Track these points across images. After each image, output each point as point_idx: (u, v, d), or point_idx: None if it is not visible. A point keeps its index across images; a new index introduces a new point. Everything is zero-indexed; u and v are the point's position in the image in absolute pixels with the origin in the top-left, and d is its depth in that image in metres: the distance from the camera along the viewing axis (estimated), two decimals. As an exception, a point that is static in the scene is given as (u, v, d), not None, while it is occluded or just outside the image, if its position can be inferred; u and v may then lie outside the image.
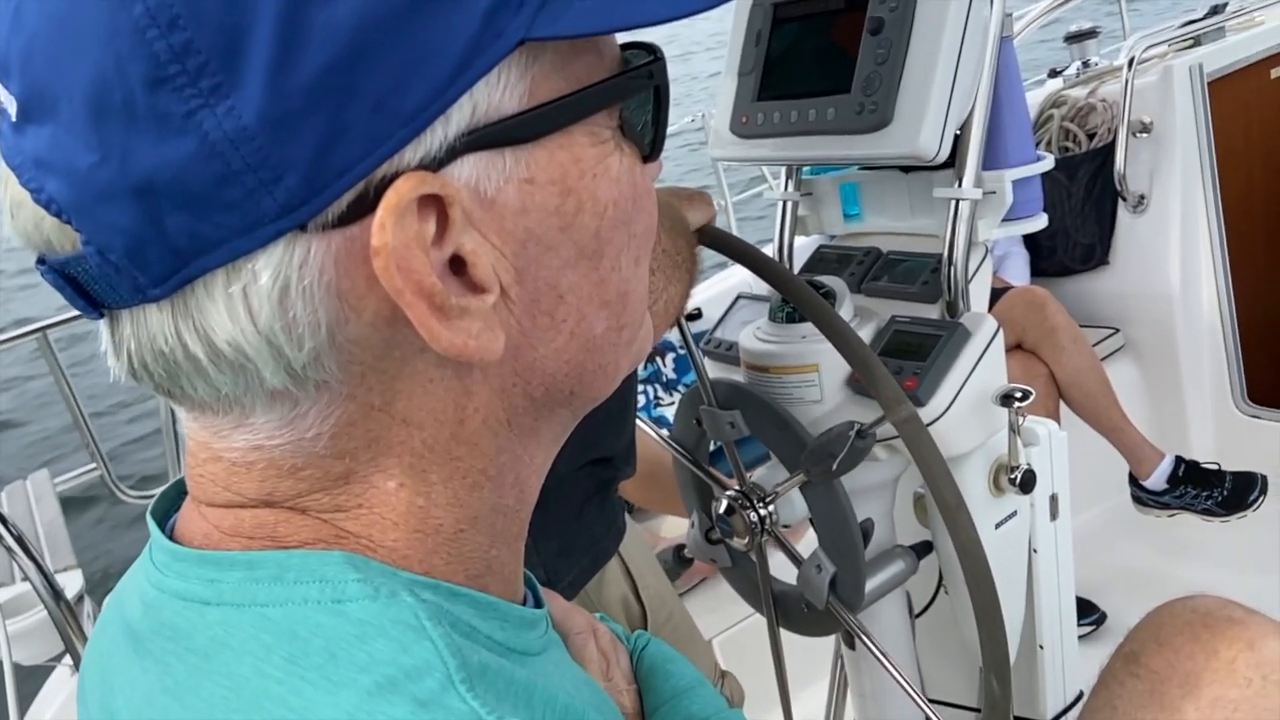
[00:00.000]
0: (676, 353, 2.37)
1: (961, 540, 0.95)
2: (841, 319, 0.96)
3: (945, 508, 0.94)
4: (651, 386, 2.37)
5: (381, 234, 0.35)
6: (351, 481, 0.40)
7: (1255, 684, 0.91)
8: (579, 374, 0.44)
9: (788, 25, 1.10)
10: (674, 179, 10.12)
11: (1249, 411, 2.59)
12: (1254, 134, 2.68)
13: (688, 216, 1.03)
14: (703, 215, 1.04)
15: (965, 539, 0.95)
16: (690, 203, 1.04)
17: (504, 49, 0.36)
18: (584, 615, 0.62)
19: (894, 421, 0.93)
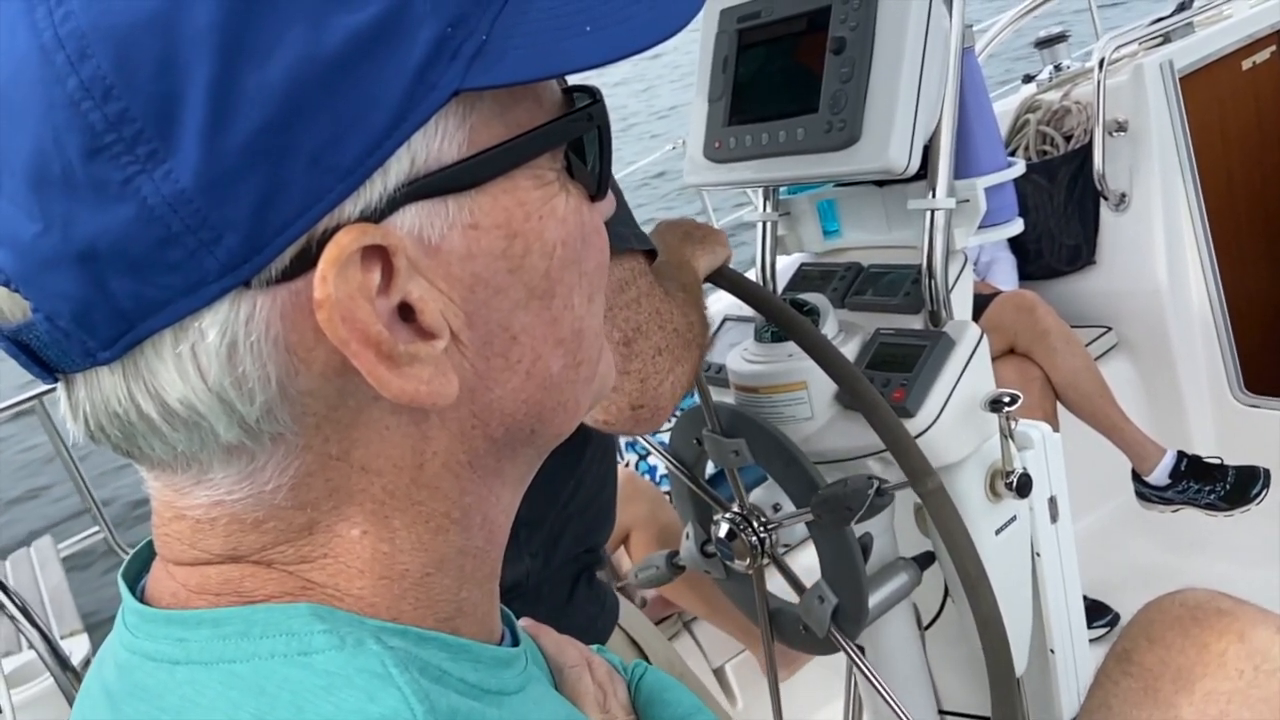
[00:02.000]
0: None
1: (982, 614, 0.95)
2: (867, 383, 0.97)
3: (967, 578, 0.94)
4: None
5: (324, 286, 0.35)
6: (315, 532, 0.40)
7: (1247, 675, 0.90)
8: (538, 413, 0.44)
9: (753, 50, 1.12)
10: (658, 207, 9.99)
11: (1247, 401, 2.59)
12: (1229, 126, 2.70)
13: (699, 262, 1.04)
14: (718, 257, 1.06)
15: (986, 611, 0.95)
16: (703, 245, 1.04)
17: (439, 100, 0.36)
18: (578, 648, 0.62)
19: (920, 493, 0.94)
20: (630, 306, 0.86)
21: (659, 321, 0.89)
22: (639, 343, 0.87)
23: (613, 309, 0.86)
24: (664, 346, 0.89)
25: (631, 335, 0.87)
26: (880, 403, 0.95)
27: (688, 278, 1.00)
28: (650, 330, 0.88)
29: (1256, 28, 2.69)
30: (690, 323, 0.93)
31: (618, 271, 0.86)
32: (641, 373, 0.88)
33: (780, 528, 1.12)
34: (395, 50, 0.36)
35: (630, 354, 0.87)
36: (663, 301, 0.90)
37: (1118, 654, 0.99)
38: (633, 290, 0.87)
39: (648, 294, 0.88)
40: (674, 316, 0.91)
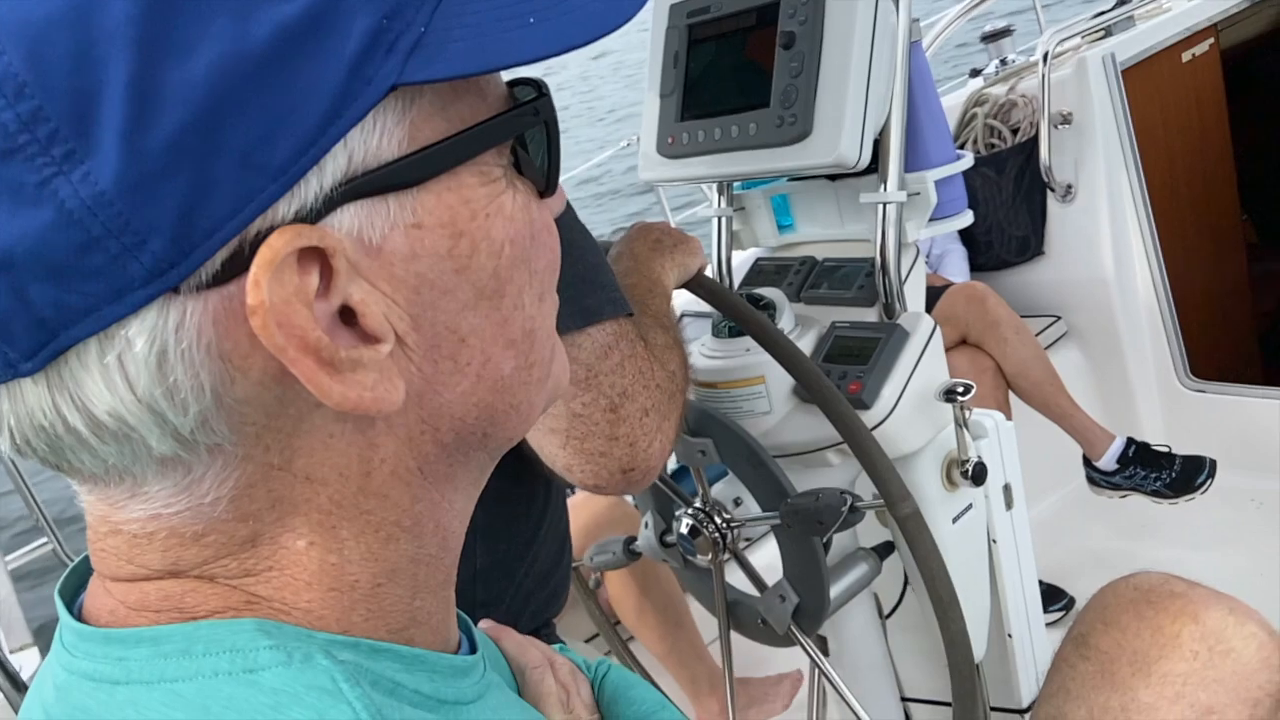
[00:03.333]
0: None
1: (951, 634, 0.96)
2: (842, 398, 0.97)
3: (939, 603, 0.96)
4: None
5: (256, 291, 0.34)
6: (259, 544, 0.38)
7: (1202, 655, 0.92)
8: (490, 416, 0.43)
9: (704, 45, 1.12)
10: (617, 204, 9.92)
11: (1193, 386, 2.65)
12: (1171, 116, 2.76)
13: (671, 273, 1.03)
14: (692, 264, 1.05)
15: (954, 632, 0.96)
16: (674, 254, 1.04)
17: (375, 96, 0.35)
18: (540, 648, 0.61)
19: (897, 517, 0.95)
20: (615, 372, 0.86)
21: (643, 382, 0.88)
22: (626, 407, 0.87)
23: (597, 376, 0.85)
24: (650, 406, 0.89)
25: (618, 400, 0.86)
26: (860, 426, 0.95)
27: (658, 304, 0.99)
28: (636, 392, 0.87)
29: (1195, 20, 2.75)
30: (672, 373, 0.93)
31: (600, 338, 0.85)
32: (630, 436, 0.87)
33: (744, 526, 1.13)
34: (328, 43, 0.34)
35: (618, 419, 0.87)
36: (645, 360, 0.89)
37: (1074, 638, 1.01)
38: (616, 355, 0.86)
39: (631, 356, 0.87)
40: (656, 372, 0.90)
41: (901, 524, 0.94)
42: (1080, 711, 0.93)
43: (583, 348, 0.85)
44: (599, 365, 0.85)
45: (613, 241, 1.09)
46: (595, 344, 0.85)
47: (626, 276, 1.01)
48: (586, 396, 0.86)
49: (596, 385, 0.85)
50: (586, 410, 0.86)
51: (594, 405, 0.86)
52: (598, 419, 0.86)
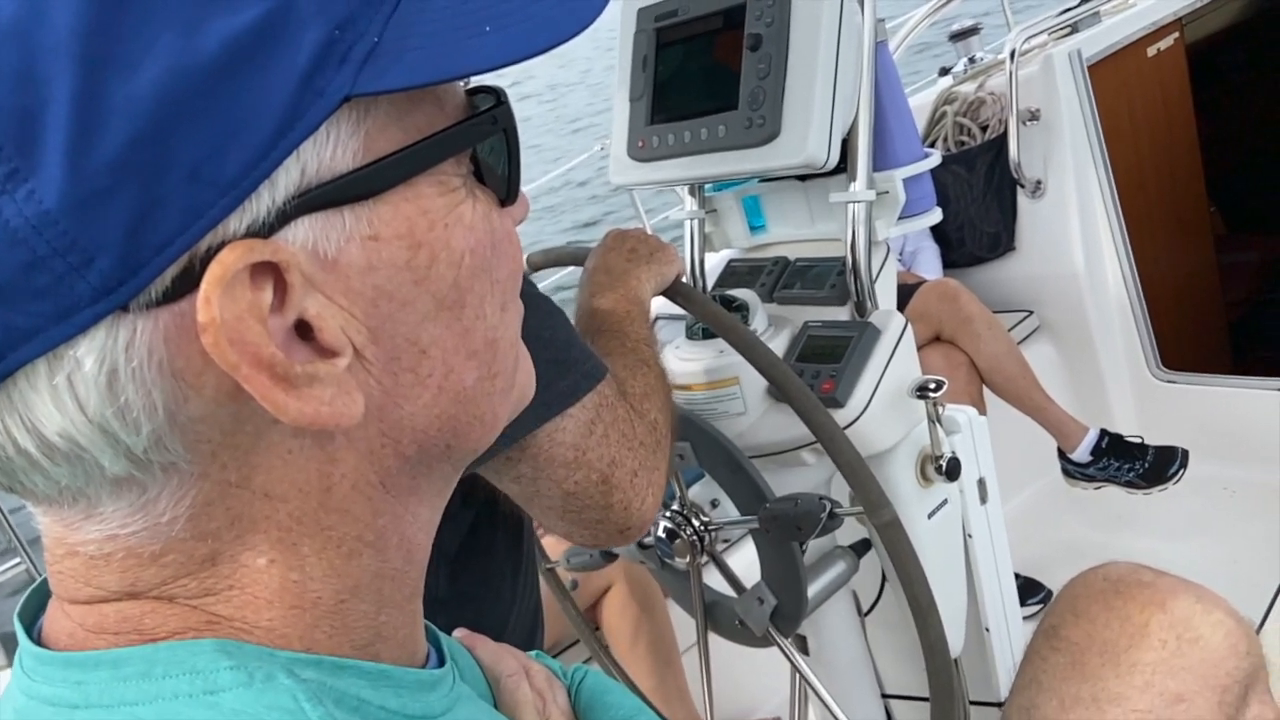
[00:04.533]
0: None
1: (930, 640, 0.96)
2: (821, 406, 0.97)
3: (918, 609, 0.96)
4: None
5: (207, 309, 0.33)
6: (218, 563, 0.38)
7: (1170, 644, 0.93)
8: (453, 427, 0.42)
9: (672, 48, 1.12)
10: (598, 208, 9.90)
11: (1164, 377, 2.68)
12: (1137, 111, 2.79)
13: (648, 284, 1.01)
14: (669, 273, 1.05)
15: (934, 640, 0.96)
16: (650, 264, 1.03)
17: (327, 107, 0.35)
18: (515, 656, 0.61)
19: (876, 525, 0.95)
20: (601, 444, 0.86)
21: (629, 444, 0.88)
22: (616, 474, 0.86)
23: (585, 453, 0.85)
24: (638, 466, 0.88)
25: (608, 470, 0.86)
26: (839, 434, 0.95)
27: (637, 327, 0.98)
28: (623, 458, 0.87)
29: (1159, 15, 2.78)
30: (653, 422, 0.92)
31: (582, 416, 0.85)
32: (624, 501, 0.87)
33: (722, 530, 1.13)
34: (278, 55, 0.34)
35: (610, 488, 0.86)
36: (627, 421, 0.88)
37: (1045, 630, 1.01)
38: (600, 427, 0.86)
39: (614, 422, 0.87)
40: (638, 429, 0.89)
41: (880, 531, 0.94)
42: (1051, 702, 0.94)
43: (566, 430, 0.84)
44: (585, 443, 0.85)
45: (589, 247, 1.09)
46: (578, 424, 0.84)
47: (603, 294, 1.00)
48: (578, 475, 0.85)
49: (586, 462, 0.85)
50: (579, 488, 0.86)
51: (586, 481, 0.86)
52: (591, 493, 0.86)
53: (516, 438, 0.82)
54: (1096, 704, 0.91)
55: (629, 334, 0.97)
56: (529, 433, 0.82)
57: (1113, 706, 0.91)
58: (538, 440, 0.83)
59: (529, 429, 0.82)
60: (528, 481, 0.86)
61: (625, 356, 0.95)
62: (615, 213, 9.76)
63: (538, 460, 0.84)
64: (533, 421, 0.82)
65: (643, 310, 1.00)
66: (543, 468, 0.84)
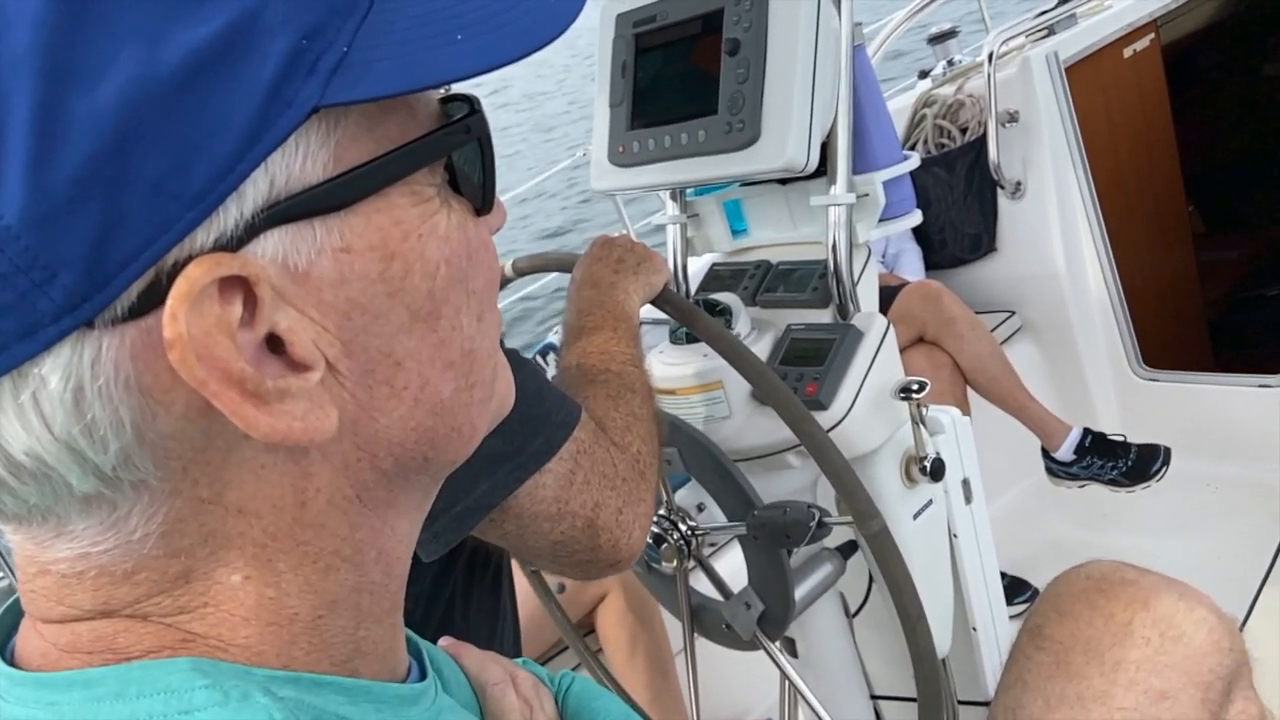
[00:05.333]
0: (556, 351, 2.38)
1: (919, 649, 0.97)
2: (811, 418, 0.97)
3: (907, 618, 0.96)
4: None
5: (174, 325, 0.33)
6: (192, 580, 0.37)
7: (1154, 642, 0.93)
8: (430, 439, 0.42)
9: (650, 54, 1.13)
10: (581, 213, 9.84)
11: (1146, 375, 2.70)
12: (1115, 111, 2.81)
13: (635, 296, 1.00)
14: (657, 282, 1.04)
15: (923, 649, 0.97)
16: (637, 274, 1.02)
17: (296, 119, 0.34)
18: (501, 664, 0.61)
19: (865, 534, 0.95)
20: (583, 490, 0.85)
21: (611, 484, 0.87)
22: (601, 516, 0.86)
23: (568, 503, 0.84)
24: (623, 504, 0.87)
25: (592, 514, 0.86)
26: (829, 444, 0.95)
27: (621, 345, 0.96)
28: (607, 499, 0.86)
29: (1135, 16, 2.81)
30: (635, 455, 0.91)
31: (560, 469, 0.84)
32: (611, 540, 0.87)
33: (709, 535, 1.13)
34: (244, 66, 0.33)
35: (597, 530, 0.86)
36: (608, 462, 0.88)
37: (1030, 629, 1.02)
38: (580, 474, 0.85)
39: (594, 466, 0.86)
40: (620, 466, 0.88)
41: (870, 541, 0.94)
42: (1037, 702, 0.94)
43: (546, 486, 0.83)
44: (566, 494, 0.84)
45: (575, 254, 1.08)
46: (557, 477, 0.84)
47: (590, 313, 0.98)
48: (563, 525, 0.85)
49: (569, 512, 0.85)
50: (566, 536, 0.85)
51: (572, 528, 0.85)
52: (578, 538, 0.86)
53: (495, 502, 0.81)
54: (1081, 702, 0.92)
55: (614, 356, 0.96)
56: (509, 495, 0.81)
57: (1097, 705, 0.91)
58: (519, 500, 0.82)
59: (508, 492, 0.81)
60: (513, 537, 0.85)
61: (608, 384, 0.93)
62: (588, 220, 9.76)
63: (521, 519, 0.83)
64: (511, 484, 0.81)
65: (630, 327, 0.99)
66: (527, 524, 0.84)
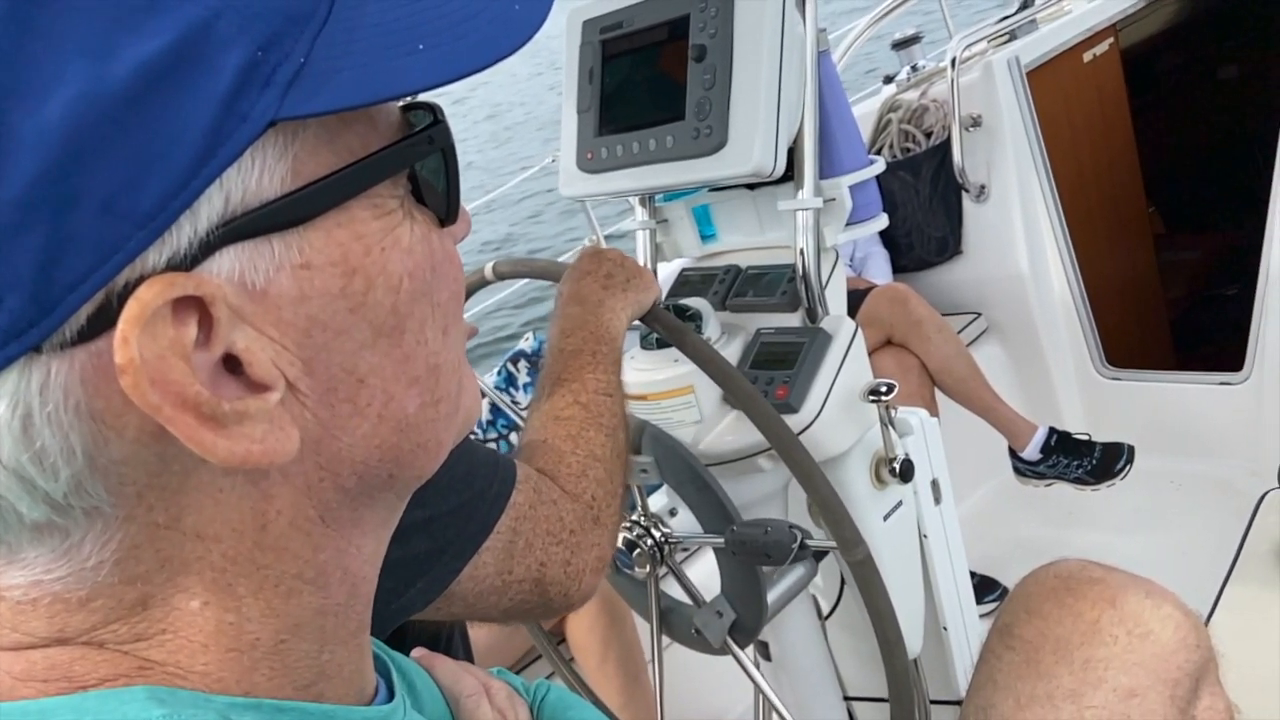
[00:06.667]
0: (527, 358, 2.37)
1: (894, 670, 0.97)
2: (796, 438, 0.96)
3: (886, 644, 0.96)
4: (506, 393, 2.36)
5: (126, 349, 0.32)
6: (149, 606, 0.36)
7: (1122, 640, 0.94)
8: (395, 457, 0.41)
9: (617, 60, 1.13)
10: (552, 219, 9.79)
11: (1109, 375, 2.74)
12: (1075, 115, 2.86)
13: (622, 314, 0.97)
14: (646, 300, 1.00)
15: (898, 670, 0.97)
16: (626, 292, 0.99)
17: (252, 133, 0.33)
18: (475, 675, 0.60)
19: (850, 561, 0.95)
20: (526, 554, 0.83)
21: (557, 539, 0.85)
22: (548, 572, 0.84)
23: (511, 573, 0.82)
24: (571, 555, 0.85)
25: (539, 574, 0.84)
26: (817, 472, 0.94)
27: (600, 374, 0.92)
28: (553, 555, 0.84)
29: (1095, 21, 2.86)
30: (591, 500, 0.87)
31: (499, 542, 0.81)
32: (562, 591, 0.85)
33: (682, 543, 1.13)
34: (196, 80, 0.32)
35: (545, 585, 0.84)
36: (554, 518, 0.85)
37: (1000, 629, 1.03)
38: (522, 540, 0.83)
39: (536, 527, 0.84)
40: (567, 517, 0.86)
41: (853, 569, 0.95)
42: (1008, 701, 0.95)
43: (487, 565, 0.81)
44: (508, 564, 0.82)
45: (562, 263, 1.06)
46: (496, 553, 0.81)
47: (573, 334, 0.95)
48: (510, 593, 0.83)
49: (514, 580, 0.83)
50: (514, 601, 0.84)
51: (520, 591, 0.83)
52: (527, 599, 0.84)
53: (432, 599, 0.79)
54: (1051, 701, 0.93)
55: (587, 385, 0.92)
56: (449, 584, 0.80)
57: (1068, 703, 0.92)
58: (460, 585, 0.80)
59: (446, 584, 0.79)
60: (461, 614, 0.84)
61: (572, 422, 0.90)
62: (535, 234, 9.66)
63: (467, 599, 0.81)
64: (448, 577, 0.79)
65: (612, 350, 0.96)
66: (473, 603, 0.82)
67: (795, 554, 0.98)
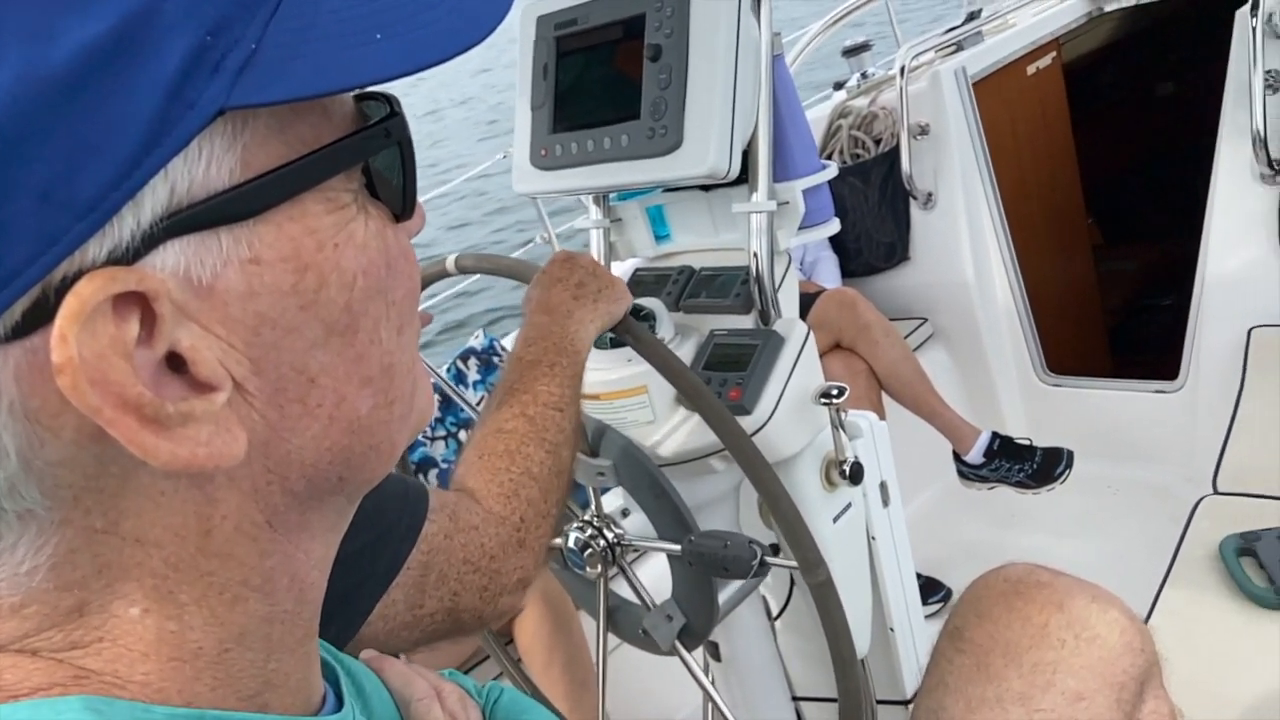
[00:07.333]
0: (477, 356, 2.35)
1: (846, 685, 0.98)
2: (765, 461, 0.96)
3: (841, 662, 0.96)
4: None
5: (63, 347, 0.30)
6: (86, 614, 0.35)
7: (1069, 644, 0.96)
8: (345, 459, 0.39)
9: (572, 57, 1.12)
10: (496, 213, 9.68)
11: (1050, 381, 2.80)
12: (1019, 126, 2.92)
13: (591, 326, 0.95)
14: (617, 310, 0.98)
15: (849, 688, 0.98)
16: (597, 304, 0.96)
17: (199, 121, 0.32)
18: (427, 678, 0.59)
19: (810, 584, 0.95)
20: (439, 587, 0.79)
21: (475, 566, 0.80)
22: (462, 600, 0.80)
23: (423, 606, 0.79)
24: (488, 581, 0.81)
25: (452, 604, 0.79)
26: (784, 495, 0.94)
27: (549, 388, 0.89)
28: (469, 582, 0.80)
29: (1038, 35, 2.92)
30: (520, 520, 0.83)
31: (409, 578, 0.77)
32: (477, 614, 0.81)
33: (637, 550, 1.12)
34: (141, 65, 0.31)
35: (458, 613, 0.80)
36: (472, 545, 0.81)
37: (950, 632, 1.04)
38: (434, 573, 0.79)
39: (450, 557, 0.79)
40: (490, 542, 0.81)
41: (814, 590, 0.95)
42: (958, 704, 0.96)
43: (398, 603, 0.77)
44: (420, 598, 0.79)
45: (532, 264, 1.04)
46: (407, 590, 0.78)
47: (536, 341, 0.92)
48: (422, 625, 0.80)
49: (426, 614, 0.79)
50: (426, 632, 0.80)
51: (431, 623, 0.80)
52: (440, 629, 0.81)
53: (347, 640, 0.76)
54: (1001, 704, 0.94)
55: (538, 397, 0.89)
56: (359, 628, 0.77)
57: (1016, 706, 0.93)
58: (371, 625, 0.77)
59: (357, 628, 0.76)
60: (380, 647, 0.83)
61: (515, 434, 0.87)
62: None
63: (379, 638, 0.78)
64: (359, 618, 0.77)
65: (573, 363, 0.93)
66: (384, 641, 0.79)
67: (755, 570, 0.98)
